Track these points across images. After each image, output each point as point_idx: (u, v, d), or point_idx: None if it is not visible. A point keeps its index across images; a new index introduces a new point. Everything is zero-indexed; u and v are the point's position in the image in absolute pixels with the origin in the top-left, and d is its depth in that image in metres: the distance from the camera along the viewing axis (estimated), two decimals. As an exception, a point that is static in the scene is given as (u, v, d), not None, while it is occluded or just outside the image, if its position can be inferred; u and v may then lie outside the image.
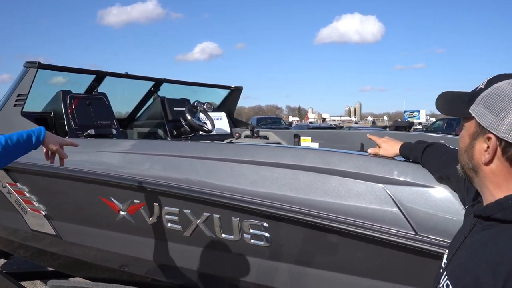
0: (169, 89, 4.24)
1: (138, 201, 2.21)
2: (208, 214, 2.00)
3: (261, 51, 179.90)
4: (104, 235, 2.45)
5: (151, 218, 2.19)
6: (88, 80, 3.60)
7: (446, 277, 0.93)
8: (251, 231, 1.92)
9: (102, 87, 3.66)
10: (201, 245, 2.11)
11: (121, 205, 2.28)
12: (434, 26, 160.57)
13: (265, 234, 1.89)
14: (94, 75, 3.59)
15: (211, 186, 1.94)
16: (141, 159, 2.29)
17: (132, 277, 2.54)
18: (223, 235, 2.00)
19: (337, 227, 1.66)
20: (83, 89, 3.62)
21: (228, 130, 4.41)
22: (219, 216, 1.98)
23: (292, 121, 48.67)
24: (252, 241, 1.93)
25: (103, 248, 2.52)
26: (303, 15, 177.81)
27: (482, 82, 0.94)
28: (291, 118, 60.35)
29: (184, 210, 2.06)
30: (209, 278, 2.18)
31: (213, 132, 4.06)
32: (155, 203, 2.15)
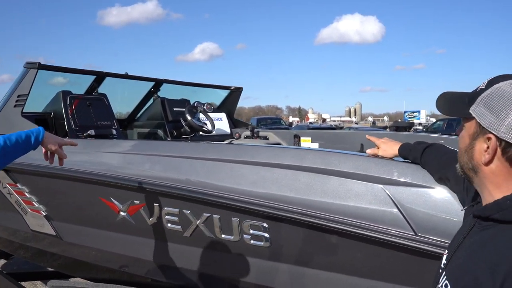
0: (169, 90, 4.25)
1: (138, 202, 2.22)
2: (208, 215, 2.00)
3: (262, 52, 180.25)
4: (104, 236, 2.46)
5: (151, 219, 2.20)
6: (88, 81, 3.61)
7: (445, 277, 0.93)
8: (251, 232, 1.92)
9: (102, 88, 3.67)
10: (201, 246, 2.11)
11: (121, 206, 2.28)
12: (434, 27, 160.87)
13: (265, 235, 1.89)
14: (94, 76, 3.59)
15: (211, 187, 1.94)
16: (141, 160, 2.30)
17: (132, 278, 2.54)
18: (223, 236, 2.00)
19: (337, 228, 1.66)
20: (83, 90, 3.63)
21: (228, 131, 4.41)
22: (219, 217, 1.98)
23: (292, 122, 48.65)
24: (252, 242, 1.93)
25: (103, 249, 2.52)
26: (304, 16, 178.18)
27: (483, 83, 0.95)
28: (291, 119, 60.28)
29: (184, 211, 2.06)
30: (209, 279, 2.18)
31: (213, 133, 4.07)
32: (155, 204, 2.15)
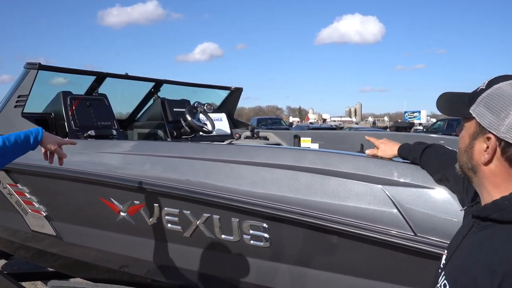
0: (169, 90, 4.25)
1: (138, 202, 2.22)
2: (208, 215, 2.00)
3: (262, 52, 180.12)
4: (104, 236, 2.46)
5: (151, 219, 2.20)
6: (89, 81, 3.61)
7: (444, 277, 0.93)
8: (251, 232, 1.92)
9: (103, 88, 3.67)
10: (201, 246, 2.11)
11: (121, 206, 2.28)
12: (435, 27, 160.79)
13: (265, 235, 1.90)
14: (95, 76, 3.60)
15: (211, 187, 1.95)
16: (141, 160, 2.30)
17: (132, 278, 2.54)
18: (223, 236, 2.01)
19: (337, 228, 1.66)
20: (84, 90, 3.63)
21: (228, 131, 4.41)
22: (219, 217, 1.98)
23: (293, 122, 48.65)
24: (252, 242, 1.94)
25: (103, 249, 2.52)
26: (304, 16, 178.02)
27: (483, 83, 0.95)
28: (292, 119, 60.25)
29: (184, 211, 2.06)
30: (209, 279, 2.19)
31: (213, 133, 4.07)
32: (155, 204, 2.15)
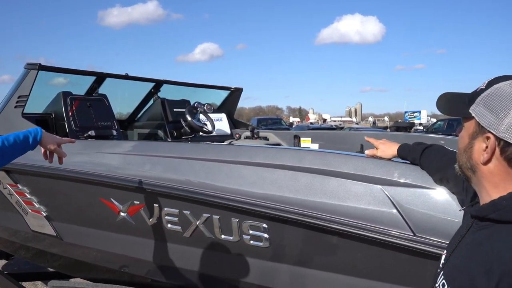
0: (169, 90, 4.26)
1: (138, 202, 2.22)
2: (208, 215, 2.01)
3: (262, 52, 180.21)
4: (105, 236, 2.46)
5: (151, 219, 2.20)
6: (89, 82, 3.61)
7: (443, 277, 0.94)
8: (251, 232, 1.92)
9: (103, 89, 3.68)
10: (201, 246, 2.12)
11: (121, 206, 2.29)
12: (435, 27, 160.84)
13: (265, 235, 1.90)
14: (95, 77, 3.60)
15: (211, 187, 1.95)
16: (141, 161, 2.30)
17: (132, 278, 2.55)
18: (223, 236, 2.01)
19: (336, 228, 1.67)
20: (84, 91, 3.63)
21: (228, 131, 4.42)
22: (219, 217, 1.98)
23: (293, 122, 48.65)
24: (252, 242, 1.94)
25: (104, 249, 2.53)
26: (304, 16, 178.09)
27: (483, 83, 0.95)
28: (292, 119, 60.25)
29: (184, 211, 2.07)
30: (209, 279, 2.19)
31: (213, 133, 4.07)
32: (155, 204, 2.16)
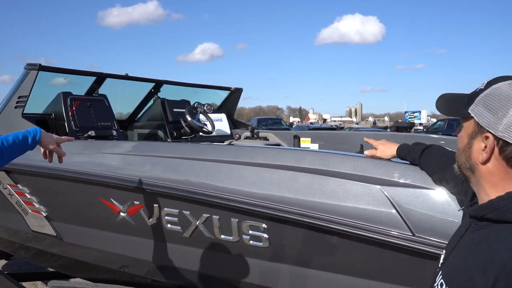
0: (169, 91, 4.26)
1: (138, 203, 2.23)
2: (208, 215, 2.01)
3: (262, 52, 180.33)
4: (104, 236, 2.47)
5: (151, 219, 2.21)
6: (89, 82, 3.62)
7: (441, 277, 0.94)
8: (250, 232, 1.93)
9: (103, 89, 3.68)
10: (201, 246, 2.12)
11: (121, 206, 2.29)
12: (435, 27, 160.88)
13: (264, 235, 1.90)
14: (95, 77, 3.61)
15: (211, 188, 1.95)
16: (141, 161, 2.30)
17: (132, 278, 2.55)
18: (222, 236, 2.01)
19: (335, 229, 1.67)
20: (84, 91, 3.64)
21: (228, 131, 4.42)
22: (219, 217, 1.99)
23: (293, 122, 48.63)
24: (251, 242, 1.94)
25: (104, 249, 2.53)
26: (304, 16, 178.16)
27: (482, 84, 0.96)
28: (292, 119, 60.24)
29: (184, 211, 2.07)
30: (209, 279, 2.19)
31: (213, 134, 4.08)
32: (155, 204, 2.16)
